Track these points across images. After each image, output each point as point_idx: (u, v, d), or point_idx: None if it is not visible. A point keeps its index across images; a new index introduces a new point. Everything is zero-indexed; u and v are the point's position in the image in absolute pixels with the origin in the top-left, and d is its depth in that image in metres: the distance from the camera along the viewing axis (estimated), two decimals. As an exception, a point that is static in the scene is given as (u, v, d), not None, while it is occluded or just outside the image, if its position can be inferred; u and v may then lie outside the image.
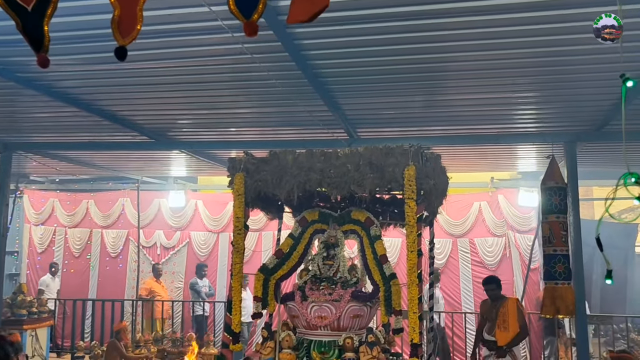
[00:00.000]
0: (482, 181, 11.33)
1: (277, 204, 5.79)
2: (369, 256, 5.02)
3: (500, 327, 6.73)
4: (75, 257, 12.80)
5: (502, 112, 7.04)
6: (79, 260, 12.77)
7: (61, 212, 13.05)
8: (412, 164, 4.49)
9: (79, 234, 12.90)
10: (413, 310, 4.37)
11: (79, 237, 12.88)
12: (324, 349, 4.81)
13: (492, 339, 6.83)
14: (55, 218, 13.06)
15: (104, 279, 12.50)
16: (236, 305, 4.94)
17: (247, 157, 5.03)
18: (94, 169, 11.22)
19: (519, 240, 10.68)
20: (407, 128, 7.64)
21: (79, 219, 13.00)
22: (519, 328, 6.68)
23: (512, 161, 10.18)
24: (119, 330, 8.71)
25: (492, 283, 7.14)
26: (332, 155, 4.77)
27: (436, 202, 5.08)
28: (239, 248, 4.95)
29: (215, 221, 12.20)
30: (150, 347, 9.45)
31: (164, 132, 8.18)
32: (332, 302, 4.88)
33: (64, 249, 12.89)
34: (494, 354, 6.71)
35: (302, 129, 7.61)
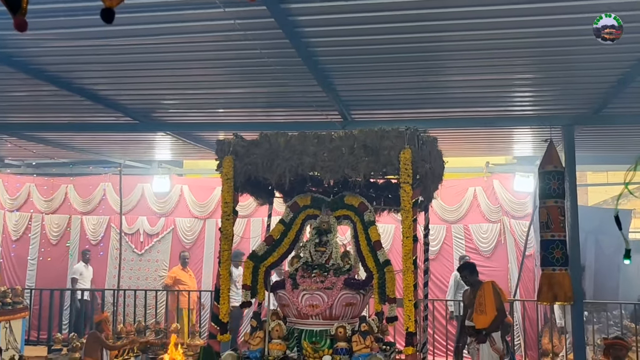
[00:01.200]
0: (477, 166, 11.39)
1: (267, 188, 5.79)
2: (363, 242, 5.05)
3: (477, 310, 6.69)
4: (52, 244, 12.70)
5: (498, 94, 7.06)
6: (56, 248, 12.67)
7: (38, 198, 12.94)
8: (408, 147, 4.51)
9: (57, 220, 12.80)
10: (408, 298, 4.41)
11: (57, 223, 12.78)
12: (315, 339, 4.84)
13: (471, 324, 6.83)
14: (31, 204, 12.93)
15: (83, 268, 12.43)
16: (224, 294, 4.95)
17: (237, 140, 5.01)
18: (73, 152, 11.12)
19: (514, 226, 10.77)
20: (401, 110, 7.65)
21: (57, 205, 12.88)
22: (495, 311, 6.63)
23: (508, 145, 10.24)
24: (100, 321, 8.62)
25: (465, 269, 7.15)
26: (325, 138, 4.77)
27: (432, 186, 5.11)
28: (228, 234, 4.95)
29: (201, 207, 12.17)
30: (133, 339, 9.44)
31: (149, 113, 8.11)
32: (324, 290, 4.91)
33: (40, 236, 12.78)
34: (475, 340, 6.77)
35: (295, 111, 7.59)
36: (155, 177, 12.35)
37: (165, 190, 12.31)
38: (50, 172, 13.14)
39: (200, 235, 12.10)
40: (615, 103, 6.85)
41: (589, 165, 11.37)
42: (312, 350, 4.75)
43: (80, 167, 12.93)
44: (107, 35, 5.10)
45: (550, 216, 6.57)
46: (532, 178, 10.54)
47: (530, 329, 10.19)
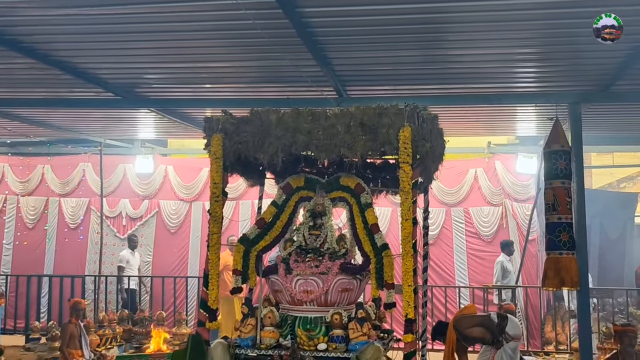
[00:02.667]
0: (479, 146, 11.41)
1: (258, 169, 5.79)
2: (359, 225, 5.07)
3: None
4: (29, 228, 12.66)
5: (501, 70, 7.06)
6: (33, 232, 12.63)
7: (13, 179, 12.85)
8: (407, 125, 4.51)
9: (34, 202, 12.74)
10: (407, 283, 4.45)
11: (34, 206, 12.72)
12: (309, 326, 4.87)
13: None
14: (5, 185, 12.85)
15: (62, 253, 12.39)
16: (213, 280, 4.97)
17: (226, 117, 5.00)
18: (50, 129, 11.03)
19: (516, 209, 10.83)
20: (400, 86, 7.64)
21: (34, 186, 12.81)
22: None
23: (511, 124, 10.26)
24: (74, 306, 8.43)
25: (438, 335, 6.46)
26: (320, 115, 4.75)
27: (432, 167, 5.13)
28: (217, 217, 4.96)
29: (187, 189, 12.15)
30: (115, 328, 9.47)
31: (131, 88, 8.05)
32: (319, 275, 4.94)
33: (15, 219, 12.72)
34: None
35: (288, 87, 7.55)
36: (138, 157, 12.29)
37: (148, 171, 12.26)
38: (26, 152, 13.05)
39: (186, 219, 12.09)
40: (625, 79, 6.87)
41: (594, 146, 11.43)
42: (306, 338, 4.79)
43: (58, 146, 12.84)
44: (87, 4, 5.04)
45: (556, 197, 6.60)
46: (535, 159, 10.59)
47: (533, 316, 10.30)
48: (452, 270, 10.91)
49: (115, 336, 9.32)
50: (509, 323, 6.35)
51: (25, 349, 9.89)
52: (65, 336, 8.13)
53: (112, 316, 9.73)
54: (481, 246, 10.91)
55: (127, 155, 12.69)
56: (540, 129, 10.16)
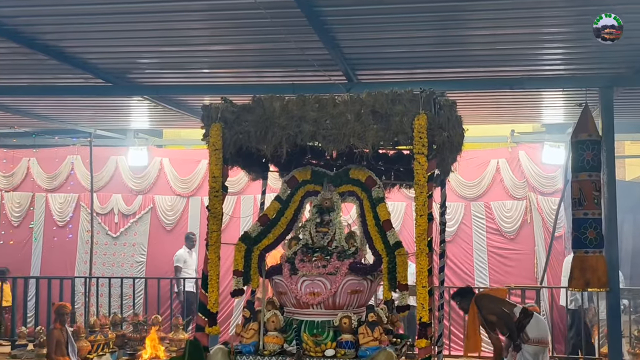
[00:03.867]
0: (501, 135, 11.36)
1: (261, 161, 5.80)
2: (370, 222, 5.08)
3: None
4: (14, 226, 12.72)
5: (526, 52, 7.03)
6: (18, 230, 12.68)
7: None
8: (423, 112, 4.51)
9: (19, 198, 12.81)
10: (422, 284, 4.45)
11: (19, 202, 12.79)
12: (316, 331, 4.90)
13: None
14: (-12, 180, 12.97)
15: (49, 253, 12.45)
16: (213, 281, 4.99)
17: (225, 105, 5.01)
18: (36, 119, 11.08)
19: (542, 203, 10.80)
20: (415, 70, 7.62)
21: (19, 181, 12.87)
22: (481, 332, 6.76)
23: (536, 111, 10.22)
24: (58, 310, 8.42)
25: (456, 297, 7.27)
26: (328, 103, 4.76)
27: (450, 158, 5.13)
28: (217, 213, 4.98)
29: (184, 183, 12.17)
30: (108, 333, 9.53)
31: (123, 74, 8.07)
32: (327, 275, 4.96)
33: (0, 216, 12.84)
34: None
35: (292, 71, 7.55)
36: (131, 149, 12.31)
37: (142, 164, 12.29)
38: (10, 144, 13.11)
39: (183, 215, 12.12)
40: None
41: (628, 133, 11.36)
42: (313, 344, 4.81)
43: (44, 138, 12.88)
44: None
45: (583, 192, 6.59)
46: (563, 148, 10.54)
47: (559, 319, 10.29)
48: (471, 270, 10.89)
49: (107, 342, 9.37)
50: (532, 323, 6.36)
51: (11, 356, 9.95)
52: (51, 343, 8.18)
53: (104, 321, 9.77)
54: (503, 244, 10.89)
55: (119, 146, 12.72)
56: (568, 116, 10.11)
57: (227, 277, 9.05)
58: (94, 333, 9.36)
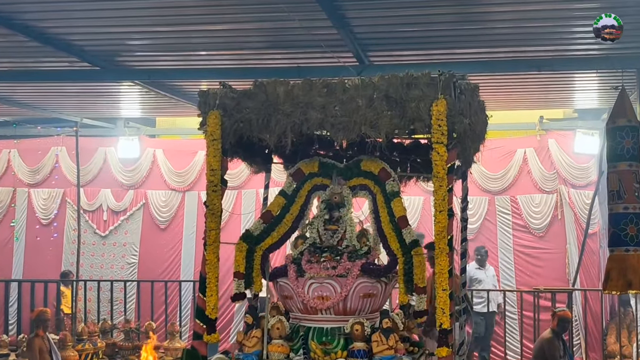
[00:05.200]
0: (528, 122, 11.35)
1: (264, 152, 5.80)
2: (384, 219, 5.08)
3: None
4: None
5: (556, 30, 7.02)
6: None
7: (-26, 166, 13.03)
8: (441, 98, 4.49)
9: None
10: (442, 287, 4.45)
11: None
12: (325, 339, 4.90)
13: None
14: (-35, 174, 13.04)
15: (32, 254, 12.55)
16: (211, 284, 5.00)
17: (224, 90, 5.01)
18: (16, 107, 11.12)
19: (574, 197, 10.79)
20: (432, 51, 7.62)
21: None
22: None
23: (567, 95, 10.21)
24: (39, 317, 8.42)
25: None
26: (337, 87, 4.74)
27: (472, 147, 5.10)
28: (215, 209, 4.99)
29: (179, 177, 12.22)
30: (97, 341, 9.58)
31: (112, 57, 8.10)
32: (337, 278, 4.96)
33: (-23, 214, 12.93)
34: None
35: (298, 53, 7.57)
36: (121, 140, 12.37)
37: (133, 156, 12.35)
38: (-12, 134, 13.19)
39: (179, 212, 12.18)
40: None
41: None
42: (321, 353, 4.82)
43: (25, 128, 12.95)
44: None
45: (622, 183, 6.56)
46: (597, 136, 10.51)
47: (594, 325, 10.28)
48: (495, 271, 10.89)
49: (96, 351, 9.43)
50: None
51: (-9, 367, 10.04)
52: (33, 354, 8.19)
53: (92, 328, 9.83)
54: (531, 242, 10.89)
55: (107, 137, 12.78)
56: (602, 100, 10.08)
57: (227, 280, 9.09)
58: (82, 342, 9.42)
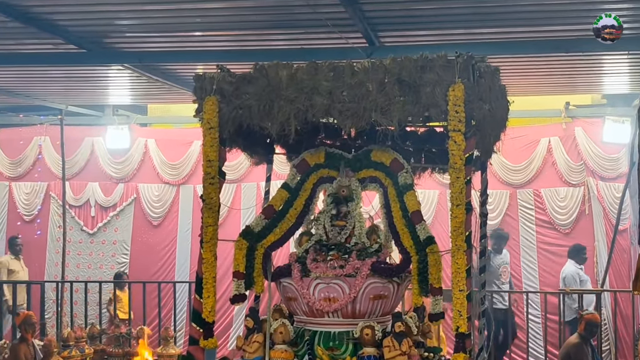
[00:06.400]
0: (553, 108, 11.32)
1: (265, 141, 5.81)
2: (397, 214, 5.08)
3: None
4: (-29, 221, 12.90)
5: (583, 7, 7.00)
6: (-22, 226, 12.88)
7: (-52, 158, 13.07)
8: (459, 81, 4.49)
9: (-23, 188, 12.96)
10: (459, 288, 4.46)
11: (-23, 193, 12.94)
12: (333, 344, 4.92)
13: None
14: (-59, 166, 13.08)
15: (14, 253, 12.58)
16: (209, 285, 5.02)
17: (222, 74, 5.01)
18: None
19: (602, 190, 10.77)
20: (449, 31, 7.62)
21: (-24, 168, 13.03)
22: None
23: (596, 78, 10.17)
24: (25, 321, 8.50)
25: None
26: (345, 71, 4.73)
27: (492, 136, 5.11)
28: (212, 204, 5.00)
29: (173, 169, 12.23)
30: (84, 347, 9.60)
31: (99, 39, 8.11)
32: (345, 278, 4.97)
33: (-45, 209, 12.97)
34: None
35: (302, 33, 7.58)
36: (110, 129, 12.39)
37: (123, 147, 12.37)
38: (-34, 123, 13.22)
39: (173, 208, 12.20)
40: None
41: None
42: (328, 359, 4.83)
43: (6, 116, 12.98)
44: None
45: (656, 175, 6.57)
46: (628, 124, 10.49)
47: (624, 329, 10.28)
48: (517, 271, 10.90)
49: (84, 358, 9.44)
50: None
51: (-29, 375, 10.10)
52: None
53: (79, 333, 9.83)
54: (556, 239, 10.88)
55: (95, 126, 12.79)
56: (634, 85, 10.04)
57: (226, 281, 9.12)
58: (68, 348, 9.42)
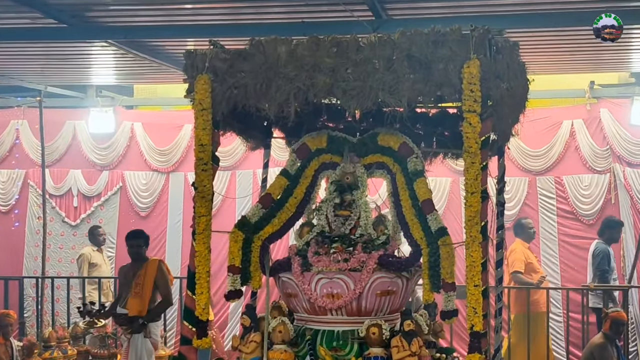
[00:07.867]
0: (577, 88, 11.31)
1: (262, 124, 5.81)
2: (406, 202, 5.09)
3: (134, 293, 8.11)
4: (-56, 212, 12.92)
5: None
6: (-50, 218, 12.90)
7: None
8: (474, 58, 4.47)
9: (-51, 176, 12.98)
10: (474, 283, 4.46)
11: (-50, 181, 12.96)
12: (336, 343, 4.94)
13: (123, 312, 8.19)
14: None
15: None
16: (202, 280, 5.02)
17: (215, 50, 5.00)
18: (-31, 74, 11.17)
19: (630, 177, 10.77)
20: (463, 2, 7.60)
21: (-52, 155, 13.04)
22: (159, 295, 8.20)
23: (623, 56, 10.17)
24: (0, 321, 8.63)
25: (140, 238, 8.50)
26: (349, 46, 4.73)
27: (510, 118, 5.11)
28: (205, 192, 5.00)
29: (162, 155, 12.24)
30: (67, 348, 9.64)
31: (81, 12, 8.10)
32: (349, 272, 4.98)
33: None
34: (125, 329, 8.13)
35: (302, 5, 7.56)
36: (93, 112, 12.39)
37: (108, 131, 12.38)
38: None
39: (162, 197, 12.21)
40: None
41: None
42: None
43: (-21, 98, 13.01)
44: None
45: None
46: (659, 105, 10.48)
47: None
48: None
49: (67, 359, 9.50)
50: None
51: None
52: None
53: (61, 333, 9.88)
54: (579, 230, 10.88)
55: (77, 108, 12.80)
56: (666, 62, 10.04)
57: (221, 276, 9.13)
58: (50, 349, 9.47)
